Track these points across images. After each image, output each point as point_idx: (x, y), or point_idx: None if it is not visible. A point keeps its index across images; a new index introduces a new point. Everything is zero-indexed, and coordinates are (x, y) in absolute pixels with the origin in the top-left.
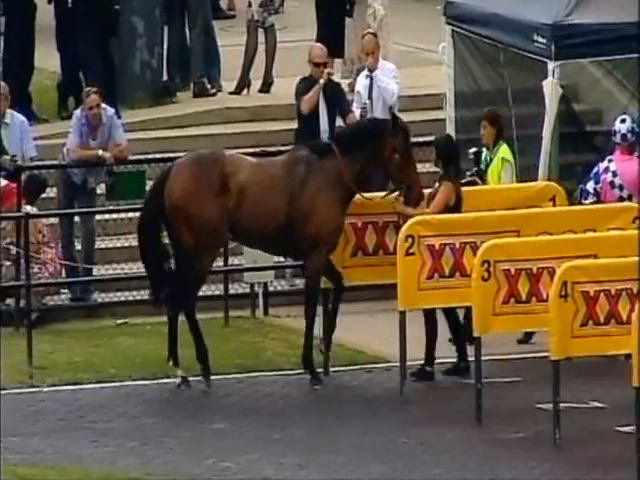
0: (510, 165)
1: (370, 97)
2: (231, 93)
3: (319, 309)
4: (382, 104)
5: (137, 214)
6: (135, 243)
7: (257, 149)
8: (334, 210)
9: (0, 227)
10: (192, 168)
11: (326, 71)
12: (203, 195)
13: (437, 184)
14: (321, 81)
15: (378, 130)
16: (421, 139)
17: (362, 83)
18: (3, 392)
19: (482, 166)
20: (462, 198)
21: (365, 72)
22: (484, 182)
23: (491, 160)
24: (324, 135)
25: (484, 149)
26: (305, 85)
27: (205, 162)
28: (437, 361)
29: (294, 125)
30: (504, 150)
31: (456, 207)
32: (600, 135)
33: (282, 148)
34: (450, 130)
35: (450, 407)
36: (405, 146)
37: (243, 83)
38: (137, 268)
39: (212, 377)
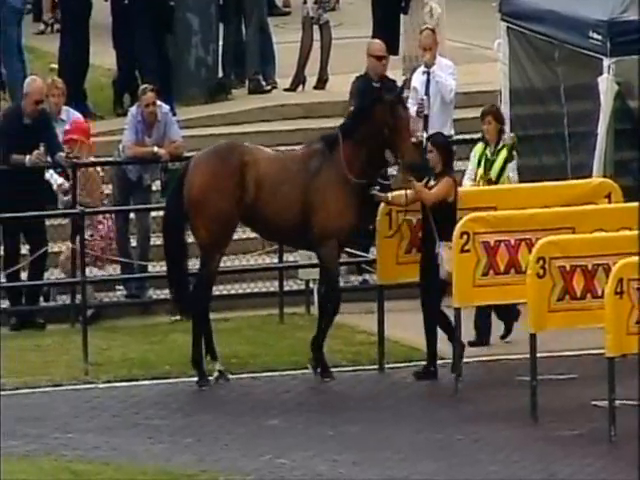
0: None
1: (427, 93)
2: (286, 90)
3: (373, 305)
4: (440, 100)
5: None
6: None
7: (318, 145)
8: (342, 202)
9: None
10: (210, 161)
11: None
12: (221, 188)
13: (432, 182)
14: None
15: (368, 110)
16: (476, 136)
17: (419, 79)
18: (59, 388)
19: (479, 161)
20: (458, 196)
21: (422, 68)
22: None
23: (491, 157)
24: None
25: (480, 143)
26: (360, 84)
27: (223, 155)
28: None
29: None
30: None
31: (454, 204)
32: None
33: None
34: (510, 127)
35: (505, 404)
36: (393, 120)
37: (298, 80)
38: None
39: (268, 373)
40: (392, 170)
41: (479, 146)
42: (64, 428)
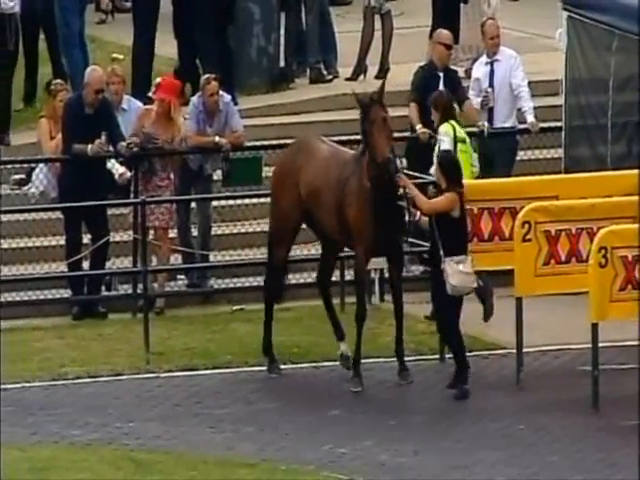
0: (448, 136)
1: (491, 85)
2: (347, 79)
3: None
4: (506, 92)
5: (253, 200)
6: (251, 229)
7: None
8: (361, 209)
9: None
10: (284, 156)
11: (423, 130)
12: (284, 186)
13: (432, 193)
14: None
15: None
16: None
17: (482, 70)
18: (121, 377)
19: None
20: (466, 212)
21: (484, 59)
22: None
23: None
24: None
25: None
26: (424, 74)
27: (294, 151)
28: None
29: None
30: (459, 132)
31: (461, 220)
32: None
33: (398, 135)
34: (566, 117)
35: (566, 394)
36: (367, 122)
37: (359, 69)
38: (253, 254)
39: (329, 363)
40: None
41: (447, 128)
42: (126, 417)
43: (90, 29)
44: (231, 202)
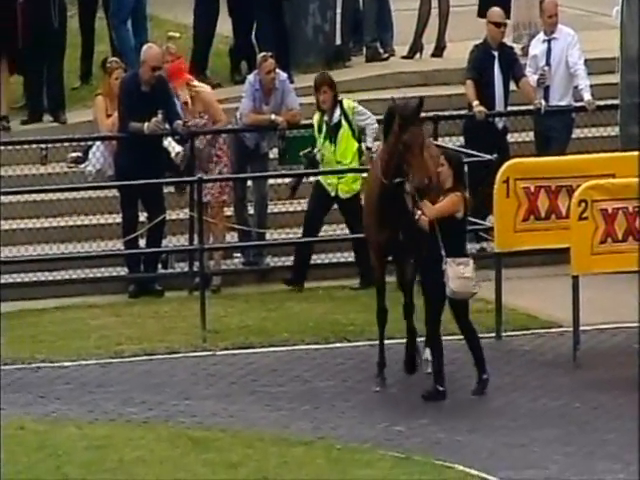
0: (360, 108)
1: (548, 63)
2: (404, 57)
3: (491, 273)
4: (563, 70)
5: (310, 178)
6: (300, 208)
7: (430, 114)
8: (372, 203)
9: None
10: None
11: (480, 108)
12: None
13: (441, 197)
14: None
15: (387, 115)
16: (600, 102)
17: (539, 48)
18: (177, 355)
19: (320, 135)
20: (468, 211)
21: (541, 36)
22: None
23: (334, 125)
24: (498, 100)
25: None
26: (479, 52)
27: None
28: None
29: None
30: (348, 105)
31: (464, 221)
32: None
33: (454, 112)
34: (622, 95)
35: (624, 372)
36: (405, 136)
37: (416, 47)
38: (294, 233)
39: (386, 341)
40: None
41: (317, 115)
42: (182, 395)
43: (148, 7)
44: (287, 180)
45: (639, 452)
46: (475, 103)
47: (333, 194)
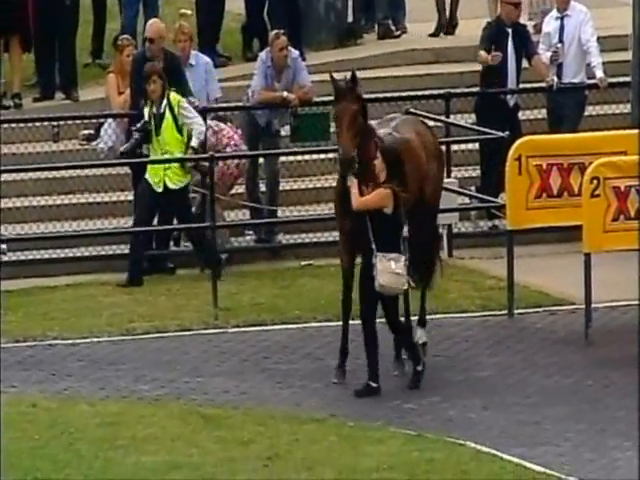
0: (185, 104)
1: (561, 40)
2: (431, 35)
3: (503, 251)
4: (575, 47)
5: (321, 156)
6: (319, 185)
7: (441, 91)
8: (335, 194)
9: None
10: None
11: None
12: None
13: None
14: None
15: None
16: (612, 80)
17: (552, 25)
18: (189, 332)
19: (150, 119)
20: (400, 207)
21: (554, 13)
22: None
23: (159, 116)
24: (511, 77)
25: (147, 108)
26: (492, 30)
27: None
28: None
29: (479, 67)
30: (174, 98)
31: (395, 217)
32: None
33: (466, 90)
34: (634, 72)
35: (635, 349)
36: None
37: (441, 25)
38: (321, 210)
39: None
40: None
41: (147, 107)
42: (194, 372)
43: None
44: (299, 157)
45: None
46: (489, 57)
47: (161, 189)
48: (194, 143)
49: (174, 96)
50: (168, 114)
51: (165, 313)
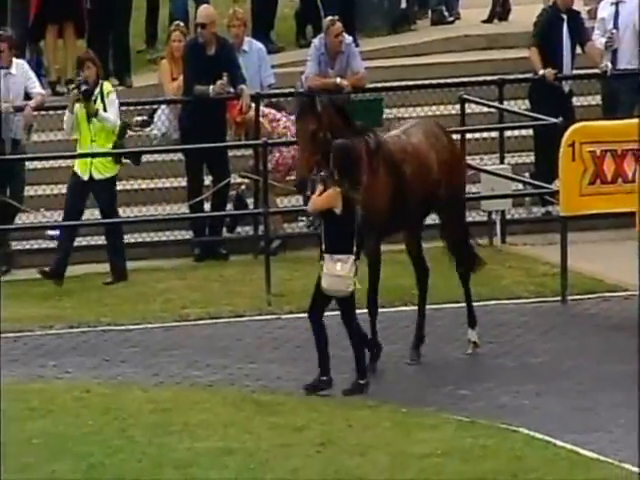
0: (114, 97)
1: (616, 26)
2: (484, 21)
3: (557, 237)
4: (630, 33)
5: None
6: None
7: (495, 77)
8: None
9: None
10: None
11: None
12: None
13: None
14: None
15: None
16: None
17: (607, 11)
18: (242, 319)
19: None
20: (354, 207)
21: None
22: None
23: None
24: (565, 63)
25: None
26: (547, 16)
27: None
28: None
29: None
30: (107, 87)
31: (345, 218)
32: None
33: (520, 76)
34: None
35: None
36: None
37: (494, 12)
38: None
39: (449, 305)
40: None
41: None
42: (247, 359)
43: None
44: None
45: None
46: (541, 69)
47: (87, 177)
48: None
49: (107, 85)
50: (99, 103)
51: (218, 299)
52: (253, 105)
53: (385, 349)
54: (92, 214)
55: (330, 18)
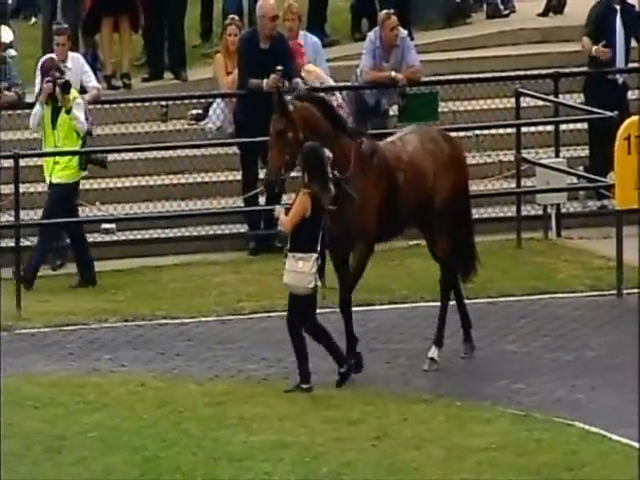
0: (81, 101)
1: None
2: (539, 15)
3: (612, 230)
4: None
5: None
6: None
7: (550, 70)
8: None
9: None
10: None
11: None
12: None
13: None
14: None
15: None
16: None
17: None
18: None
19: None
20: (322, 209)
21: None
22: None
23: (58, 109)
24: (619, 56)
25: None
26: (600, 9)
27: None
28: None
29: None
30: (72, 93)
31: (312, 220)
32: None
33: (575, 69)
34: None
35: None
36: None
37: (549, 6)
38: None
39: (505, 299)
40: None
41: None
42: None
43: None
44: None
45: None
46: (594, 48)
47: (48, 181)
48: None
49: (72, 92)
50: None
51: (273, 292)
52: None
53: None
54: (139, 208)
55: (385, 11)
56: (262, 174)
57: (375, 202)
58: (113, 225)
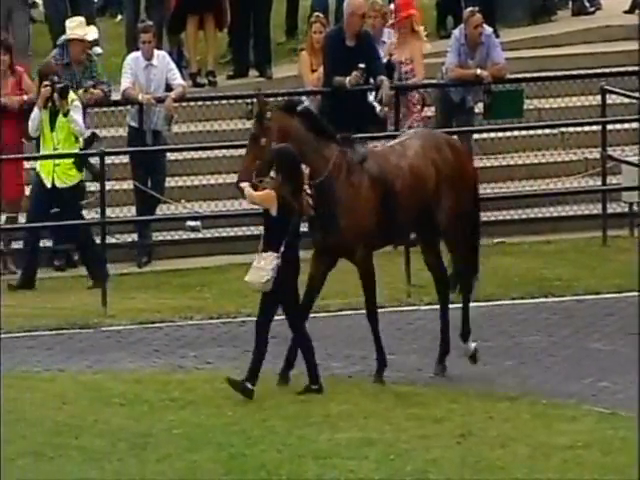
0: (79, 104)
1: None
2: (625, 12)
3: None
4: None
5: (515, 133)
6: (512, 162)
7: (636, 68)
8: None
9: None
10: None
11: None
12: None
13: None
14: None
15: None
16: None
17: None
18: (381, 310)
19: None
20: (291, 212)
21: None
22: None
23: (57, 112)
24: None
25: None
26: None
27: None
28: None
29: None
30: (70, 96)
31: (279, 220)
32: None
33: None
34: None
35: None
36: None
37: (637, 2)
38: (514, 187)
39: (592, 296)
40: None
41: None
42: (387, 349)
43: None
44: (492, 135)
45: None
46: None
47: (50, 184)
48: (80, 144)
49: (71, 95)
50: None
51: (358, 290)
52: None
53: (524, 340)
54: (224, 206)
55: (470, 9)
56: None
57: (366, 208)
58: (199, 222)
